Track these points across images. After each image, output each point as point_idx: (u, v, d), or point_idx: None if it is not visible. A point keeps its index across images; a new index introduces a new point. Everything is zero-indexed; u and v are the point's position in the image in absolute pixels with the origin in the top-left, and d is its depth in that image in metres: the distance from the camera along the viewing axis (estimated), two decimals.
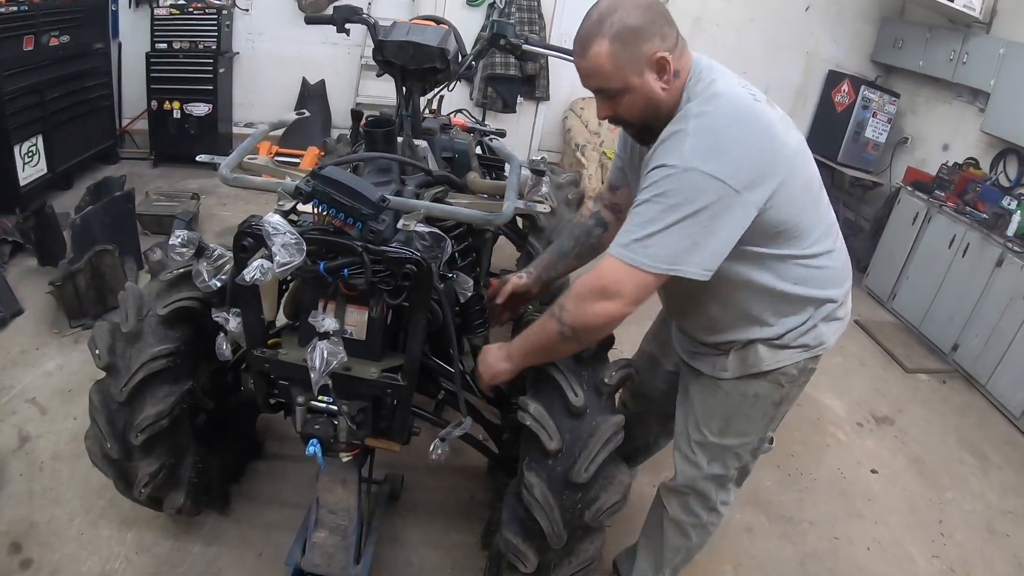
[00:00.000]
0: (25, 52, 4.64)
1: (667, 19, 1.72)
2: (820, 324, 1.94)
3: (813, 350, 1.97)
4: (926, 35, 6.22)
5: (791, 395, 2.06)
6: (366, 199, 1.61)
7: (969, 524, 3.39)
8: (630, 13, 1.67)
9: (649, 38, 1.68)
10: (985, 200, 5.10)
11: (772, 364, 1.96)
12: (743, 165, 1.61)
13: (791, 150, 1.72)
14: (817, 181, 1.87)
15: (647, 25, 1.68)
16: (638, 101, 1.76)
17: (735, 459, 2.13)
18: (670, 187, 1.61)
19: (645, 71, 1.71)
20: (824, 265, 1.89)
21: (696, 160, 1.59)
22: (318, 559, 2.18)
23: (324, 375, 1.70)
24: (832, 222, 1.94)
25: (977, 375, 4.67)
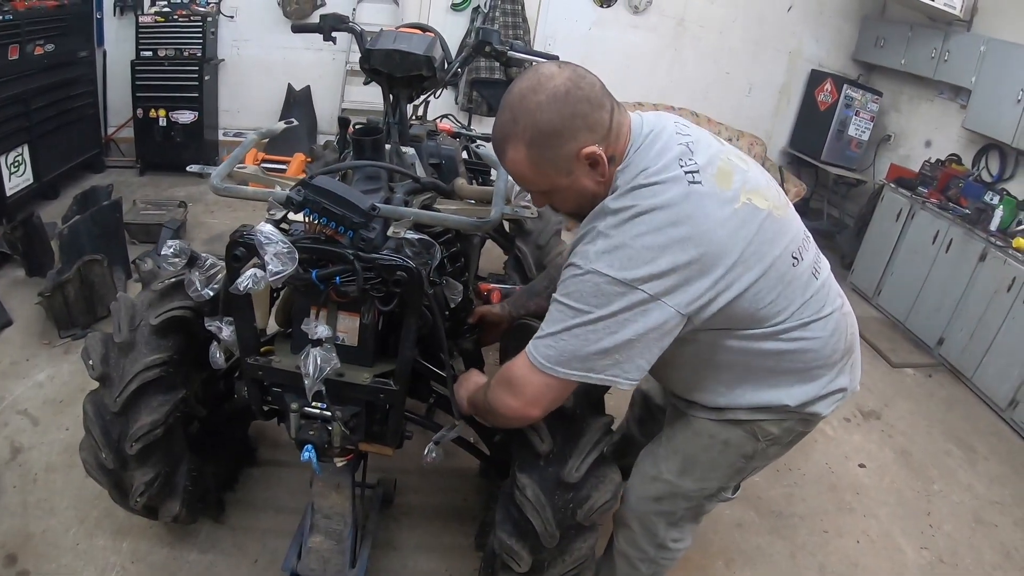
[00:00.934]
0: (10, 61, 4.62)
1: (594, 103, 1.51)
2: (809, 405, 1.81)
3: (800, 416, 1.84)
4: (908, 33, 6.28)
5: (768, 453, 1.92)
6: (356, 208, 1.63)
7: (957, 515, 3.43)
8: (544, 111, 1.48)
9: (572, 136, 1.50)
10: (968, 195, 5.16)
11: (750, 416, 1.83)
12: (658, 269, 1.46)
13: (740, 242, 1.54)
14: (785, 261, 1.64)
15: (566, 121, 1.48)
16: (570, 197, 1.64)
17: (685, 501, 2.01)
18: (573, 289, 1.52)
19: (574, 170, 1.56)
20: (803, 346, 1.72)
21: (601, 263, 1.48)
22: (314, 564, 2.19)
23: (318, 381, 1.72)
24: (813, 294, 1.72)
25: (963, 368, 4.72)
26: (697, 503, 2.03)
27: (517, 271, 3.49)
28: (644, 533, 2.11)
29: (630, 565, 2.19)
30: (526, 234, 3.30)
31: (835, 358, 1.80)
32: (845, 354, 1.84)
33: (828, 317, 1.75)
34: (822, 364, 1.78)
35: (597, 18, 6.70)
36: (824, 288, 1.77)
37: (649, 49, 6.88)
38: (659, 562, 2.17)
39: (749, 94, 7.14)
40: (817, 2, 6.98)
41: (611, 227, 1.50)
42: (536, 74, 1.52)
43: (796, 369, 1.76)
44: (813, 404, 1.81)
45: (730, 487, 2.04)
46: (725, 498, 2.08)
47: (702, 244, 1.48)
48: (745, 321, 1.63)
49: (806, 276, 1.72)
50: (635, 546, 2.14)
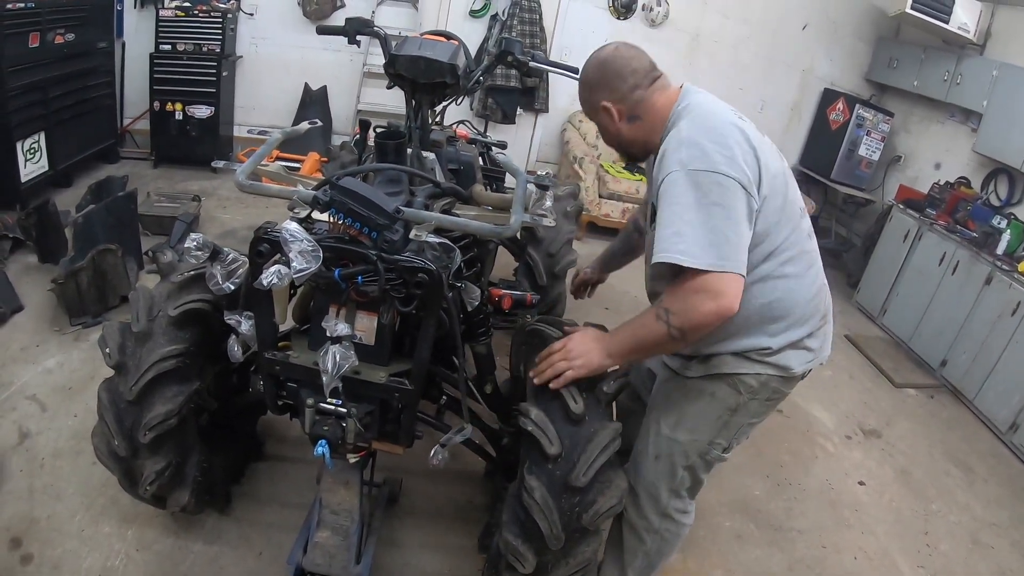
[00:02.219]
0: (30, 49, 4.66)
1: (620, 73, 2.03)
2: (786, 350, 2.02)
3: (775, 368, 2.04)
4: (921, 55, 6.33)
5: (749, 408, 2.09)
6: (382, 210, 1.66)
7: (954, 535, 3.45)
8: (588, 69, 2.09)
9: (595, 90, 2.07)
10: (976, 219, 5.19)
11: (733, 368, 2.04)
12: (730, 161, 1.79)
13: (772, 169, 1.89)
14: (799, 206, 2.01)
15: (595, 80, 2.07)
16: (603, 132, 2.17)
17: (683, 457, 2.15)
18: (676, 191, 1.79)
19: (599, 112, 2.09)
20: (793, 288, 1.98)
21: (689, 164, 1.79)
22: (320, 559, 2.20)
23: (336, 378, 1.75)
24: (808, 250, 2.03)
25: (964, 390, 4.74)
26: (692, 462, 2.16)
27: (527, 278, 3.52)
28: (648, 500, 2.24)
29: (636, 537, 2.31)
30: (538, 242, 3.33)
31: (814, 320, 2.05)
32: (822, 320, 2.08)
33: (815, 279, 2.06)
34: (801, 317, 2.01)
35: (614, 30, 6.74)
36: (816, 253, 2.09)
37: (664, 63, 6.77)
38: (663, 534, 2.28)
39: (762, 110, 7.18)
40: (832, 21, 7.03)
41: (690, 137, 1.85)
42: (601, 47, 2.11)
43: (777, 317, 1.98)
44: (787, 353, 2.02)
45: (719, 444, 2.15)
46: (718, 457, 2.18)
47: (756, 152, 1.86)
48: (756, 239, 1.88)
49: (806, 232, 2.04)
50: (641, 515, 2.27)
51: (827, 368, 4.77)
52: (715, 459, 2.18)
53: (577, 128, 6.78)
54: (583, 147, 6.46)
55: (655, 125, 2.04)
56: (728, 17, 6.88)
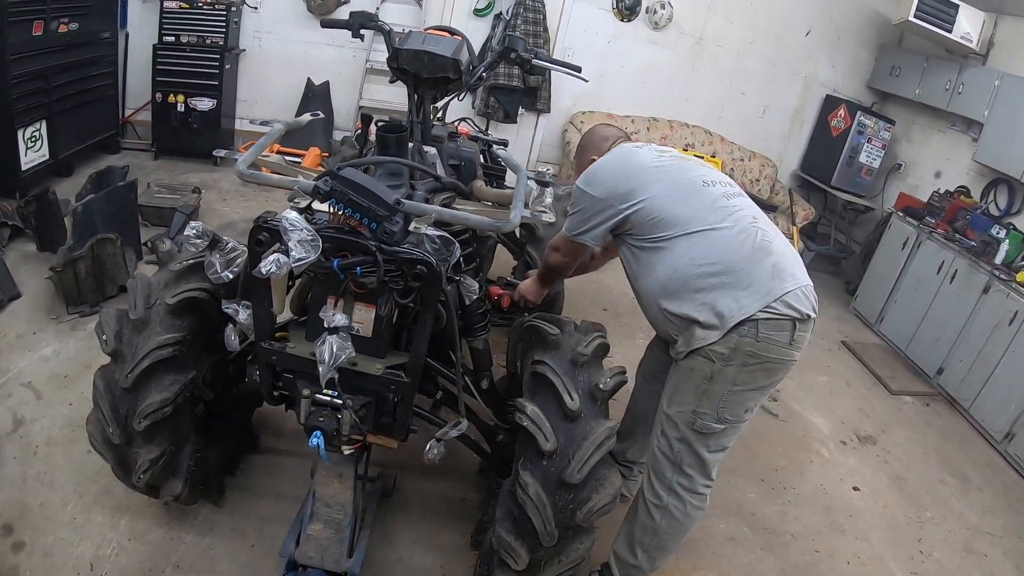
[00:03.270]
0: (34, 37, 4.65)
1: (602, 140, 2.62)
2: (714, 292, 2.13)
3: (727, 321, 2.11)
4: (923, 64, 6.33)
5: (726, 374, 2.17)
6: (382, 201, 1.66)
7: (948, 543, 3.45)
8: (584, 136, 2.70)
9: (587, 151, 2.63)
10: (975, 228, 5.19)
11: (702, 341, 2.14)
12: (606, 185, 2.30)
13: (654, 172, 2.31)
14: (693, 183, 2.32)
15: (587, 145, 2.65)
16: None
17: (674, 429, 2.28)
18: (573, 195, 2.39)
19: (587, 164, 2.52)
20: (712, 240, 2.18)
21: (581, 182, 2.37)
22: (312, 551, 2.20)
23: (332, 368, 1.75)
24: (722, 206, 2.26)
25: (961, 399, 4.75)
26: (683, 433, 2.26)
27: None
28: (656, 475, 2.37)
29: (647, 512, 2.40)
30: (537, 240, 3.33)
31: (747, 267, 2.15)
32: (756, 251, 2.18)
33: (733, 233, 2.20)
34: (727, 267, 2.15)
35: (617, 32, 6.74)
36: (737, 214, 2.26)
37: (666, 65, 6.92)
38: (672, 511, 2.35)
39: (763, 115, 7.18)
40: (835, 28, 7.03)
41: None
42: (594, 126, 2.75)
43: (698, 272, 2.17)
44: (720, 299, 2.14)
45: (703, 413, 2.23)
46: (708, 426, 2.24)
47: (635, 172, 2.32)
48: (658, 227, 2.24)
49: (714, 196, 2.30)
50: (652, 490, 2.38)
51: (823, 374, 4.80)
52: (703, 428, 2.24)
53: (578, 129, 6.76)
54: None
55: None
56: (732, 22, 6.87)
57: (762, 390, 2.26)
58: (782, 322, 2.12)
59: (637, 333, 4.10)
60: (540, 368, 2.06)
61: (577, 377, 2.05)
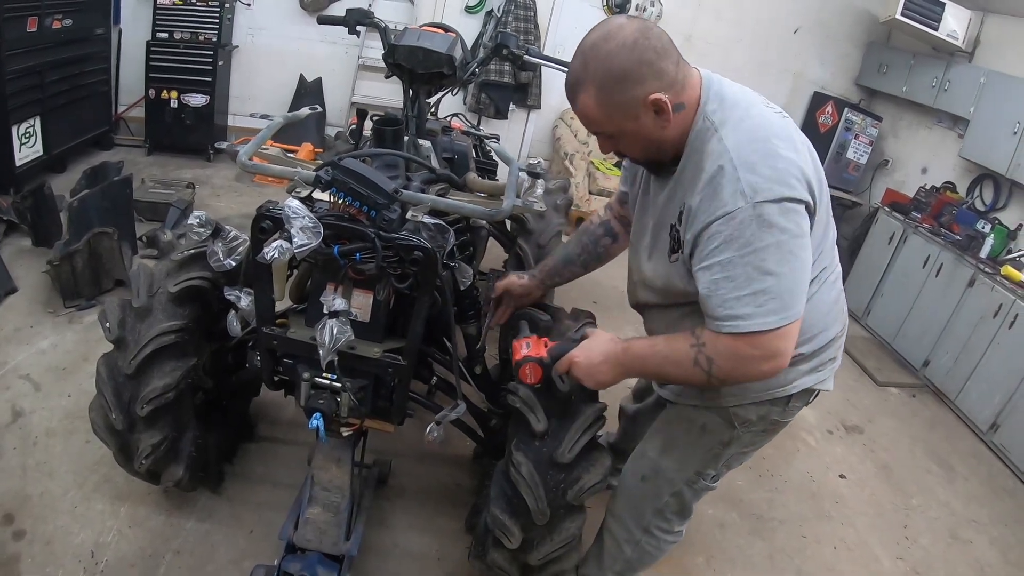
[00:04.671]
0: (28, 33, 4.66)
1: (660, 52, 1.55)
2: (792, 368, 1.79)
3: (775, 391, 1.85)
4: (910, 61, 6.41)
5: (744, 440, 1.96)
6: (381, 190, 1.72)
7: (934, 530, 3.52)
8: (614, 56, 1.54)
9: (639, 81, 1.55)
10: (960, 223, 5.27)
11: (731, 400, 1.87)
12: (800, 176, 1.53)
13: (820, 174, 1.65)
14: (829, 209, 1.76)
15: (634, 67, 1.53)
16: (638, 141, 1.67)
17: (668, 484, 2.07)
18: (748, 233, 1.49)
19: (640, 115, 1.59)
20: (817, 297, 1.75)
21: (760, 194, 1.48)
22: (310, 535, 2.24)
23: (332, 351, 1.80)
24: (836, 255, 1.86)
25: (946, 390, 4.83)
26: (678, 489, 2.08)
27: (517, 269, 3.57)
28: (631, 514, 2.19)
29: (616, 545, 2.27)
30: (528, 233, 3.38)
31: (829, 332, 1.85)
32: (838, 332, 1.89)
33: (835, 283, 1.86)
34: (816, 331, 1.80)
35: None
36: (836, 251, 1.87)
37: None
38: (643, 547, 2.23)
39: None
40: (823, 26, 7.11)
41: (742, 159, 1.52)
42: (607, 25, 1.59)
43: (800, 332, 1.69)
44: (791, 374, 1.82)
45: (709, 475, 2.05)
46: (706, 487, 2.09)
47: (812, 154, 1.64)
48: None
49: (834, 234, 1.82)
50: (622, 526, 2.22)
51: None
52: (703, 488, 2.09)
53: (568, 125, 6.82)
54: (574, 143, 6.51)
55: (691, 113, 1.64)
56: (721, 19, 6.95)
57: (762, 446, 2.07)
58: (812, 391, 1.93)
59: (626, 326, 4.16)
60: None
61: None
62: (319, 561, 2.22)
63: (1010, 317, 4.35)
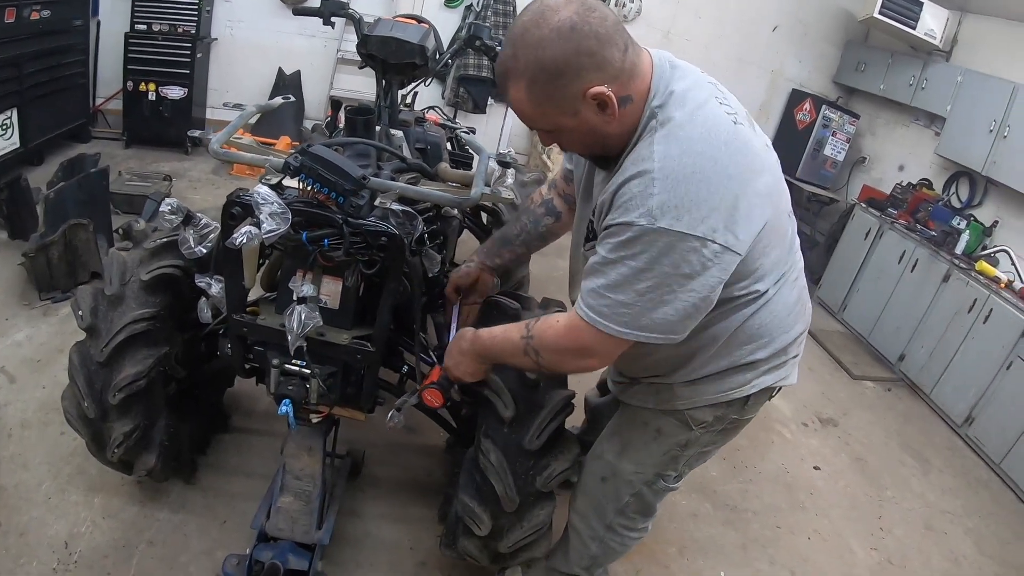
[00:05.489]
0: (6, 24, 4.60)
1: (603, 39, 1.37)
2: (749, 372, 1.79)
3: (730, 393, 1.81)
4: (888, 60, 6.47)
5: (703, 440, 1.90)
6: (349, 176, 1.72)
7: (908, 521, 3.56)
8: (547, 44, 1.35)
9: (576, 74, 1.38)
10: (936, 219, 5.33)
11: (685, 403, 1.83)
12: (724, 216, 1.40)
13: (771, 184, 1.54)
14: (786, 213, 1.67)
15: (571, 58, 1.36)
16: (579, 137, 1.54)
17: (627, 486, 2.03)
18: (638, 250, 1.41)
19: (580, 110, 1.45)
20: (772, 305, 1.69)
21: (667, 219, 1.37)
22: (282, 523, 2.25)
23: (300, 337, 1.81)
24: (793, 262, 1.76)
25: (922, 384, 4.89)
26: (638, 489, 2.03)
27: None
28: (593, 512, 2.16)
29: (581, 541, 2.25)
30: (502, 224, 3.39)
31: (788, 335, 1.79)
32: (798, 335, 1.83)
33: (792, 289, 1.75)
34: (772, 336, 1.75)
35: None
36: (797, 258, 1.79)
37: None
38: (608, 543, 2.20)
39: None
40: (802, 24, 7.16)
41: (667, 175, 1.38)
42: (541, 5, 1.39)
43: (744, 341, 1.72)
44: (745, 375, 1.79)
45: (671, 476, 2.01)
46: (668, 487, 2.05)
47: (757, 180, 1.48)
48: (742, 277, 1.57)
49: (791, 238, 1.74)
50: (586, 523, 2.20)
51: None
52: (663, 488, 2.05)
53: None
54: None
55: (640, 105, 1.49)
56: (700, 16, 6.98)
57: (726, 443, 2.02)
58: (774, 387, 1.88)
59: None
60: None
61: None
62: (290, 549, 2.22)
63: (984, 312, 4.41)
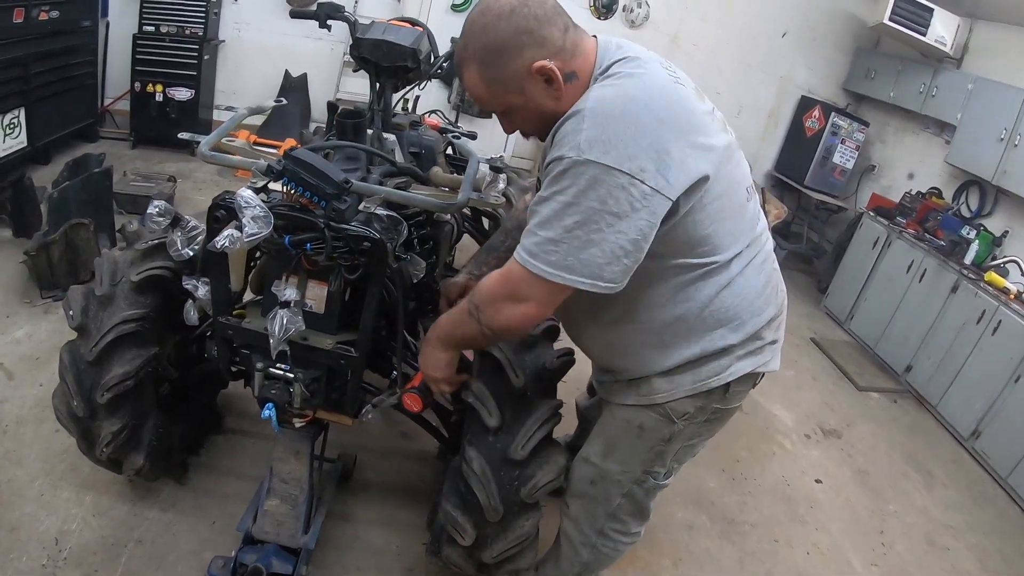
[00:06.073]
0: (15, 24, 4.64)
1: (541, 19, 1.51)
2: (724, 357, 1.79)
3: (709, 382, 1.80)
4: (898, 67, 6.43)
5: (685, 433, 1.89)
6: (331, 180, 1.71)
7: (910, 536, 3.51)
8: (490, 28, 1.52)
9: (518, 51, 1.52)
10: (945, 228, 5.29)
11: (665, 396, 1.83)
12: (653, 158, 1.43)
13: (718, 149, 1.57)
14: (743, 187, 1.72)
15: (511, 37, 1.51)
16: (531, 116, 1.66)
17: (617, 486, 2.02)
18: (567, 183, 1.46)
19: (526, 87, 1.57)
20: (737, 286, 1.72)
21: (594, 151, 1.42)
22: (268, 527, 2.25)
23: (282, 341, 1.80)
24: (755, 239, 1.76)
25: (928, 396, 4.84)
26: (628, 489, 2.02)
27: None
28: (585, 517, 2.14)
29: (572, 548, 2.23)
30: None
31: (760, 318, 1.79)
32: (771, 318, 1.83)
33: (760, 270, 1.77)
34: (743, 318, 1.75)
35: (593, 29, 6.66)
36: (764, 238, 1.81)
37: None
38: (600, 549, 2.18)
39: (739, 115, 7.25)
40: (811, 30, 7.13)
41: (597, 112, 1.45)
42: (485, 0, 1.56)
43: (716, 323, 1.73)
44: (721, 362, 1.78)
45: (659, 472, 2.00)
46: (658, 484, 2.04)
47: (693, 131, 1.52)
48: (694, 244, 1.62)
49: (753, 216, 1.77)
50: (578, 529, 2.17)
51: (790, 368, 4.86)
52: (653, 486, 2.03)
53: None
54: None
55: (585, 83, 1.59)
56: (707, 21, 6.95)
57: (713, 435, 2.01)
58: (756, 375, 1.88)
59: None
60: None
61: (524, 355, 2.09)
62: (275, 553, 2.22)
63: (993, 323, 4.37)
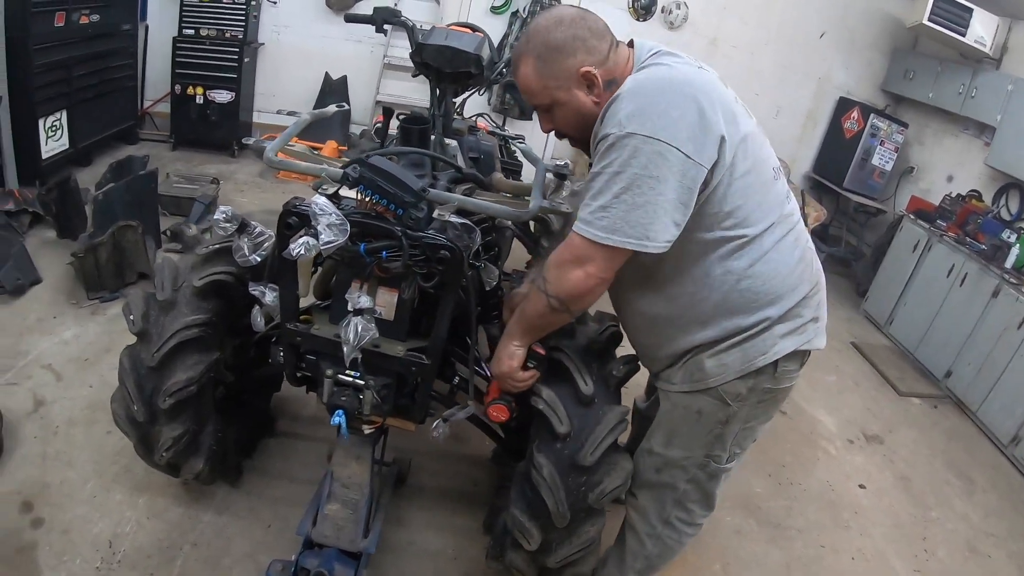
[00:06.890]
0: (56, 28, 4.72)
1: (595, 32, 1.78)
2: (765, 333, 1.86)
3: (756, 361, 1.87)
4: (937, 68, 6.35)
5: (741, 415, 1.96)
6: (409, 188, 1.72)
7: (952, 542, 3.47)
8: (552, 30, 1.76)
9: (572, 53, 1.76)
10: (985, 232, 5.21)
11: (717, 379, 1.90)
12: (683, 125, 1.62)
13: (743, 126, 1.75)
14: (770, 166, 1.85)
15: (568, 41, 1.76)
16: (570, 115, 1.85)
17: (682, 472, 2.06)
18: (614, 156, 1.64)
19: (572, 86, 1.80)
20: (771, 260, 1.81)
21: (633, 124, 1.62)
22: (328, 531, 2.24)
23: (356, 349, 1.80)
24: (787, 215, 1.87)
25: (968, 402, 4.76)
26: (692, 474, 2.06)
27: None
28: (652, 507, 2.17)
29: (638, 540, 2.24)
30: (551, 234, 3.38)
31: (795, 294, 1.87)
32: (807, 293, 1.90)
33: (794, 247, 1.87)
34: (778, 294, 1.84)
35: (632, 31, 6.74)
36: (796, 217, 1.92)
37: None
38: (664, 540, 2.20)
39: (776, 117, 7.20)
40: (849, 31, 7.06)
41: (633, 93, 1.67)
42: (552, 9, 1.86)
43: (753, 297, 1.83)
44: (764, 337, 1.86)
45: (721, 456, 2.03)
46: (720, 469, 2.06)
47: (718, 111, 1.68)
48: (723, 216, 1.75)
49: (783, 195, 1.89)
50: (644, 520, 2.20)
51: (832, 374, 4.82)
52: (716, 471, 2.06)
53: None
54: None
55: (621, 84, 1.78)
56: (746, 23, 6.91)
57: (769, 418, 2.06)
58: (802, 353, 1.94)
59: None
60: (555, 354, 2.09)
61: (591, 363, 2.09)
62: (336, 557, 2.21)
63: None
